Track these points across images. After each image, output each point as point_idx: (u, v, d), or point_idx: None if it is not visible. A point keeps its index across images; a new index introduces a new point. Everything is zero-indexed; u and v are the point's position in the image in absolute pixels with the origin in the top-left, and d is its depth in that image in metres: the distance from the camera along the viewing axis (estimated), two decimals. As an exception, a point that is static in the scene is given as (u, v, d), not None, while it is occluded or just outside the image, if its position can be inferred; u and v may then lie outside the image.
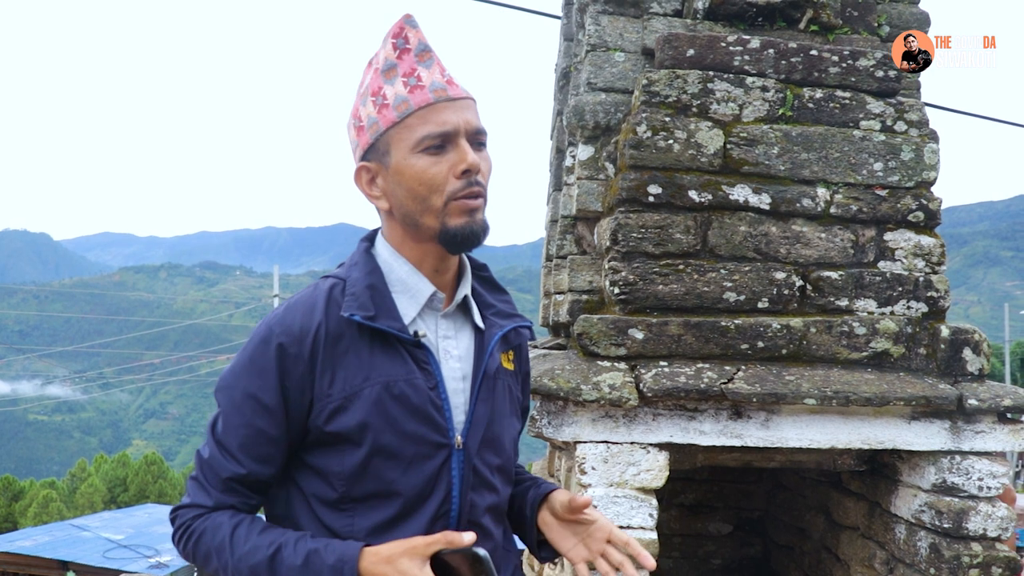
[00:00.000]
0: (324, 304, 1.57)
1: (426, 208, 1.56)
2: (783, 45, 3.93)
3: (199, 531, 1.56)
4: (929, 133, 3.95)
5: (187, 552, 1.58)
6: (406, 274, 1.63)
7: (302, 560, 1.45)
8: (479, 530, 1.61)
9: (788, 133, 3.84)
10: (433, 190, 1.54)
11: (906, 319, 3.76)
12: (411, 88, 1.54)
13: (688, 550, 5.89)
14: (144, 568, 14.60)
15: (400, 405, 1.54)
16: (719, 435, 3.55)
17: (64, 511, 32.83)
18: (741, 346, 3.64)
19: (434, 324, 1.66)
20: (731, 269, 3.74)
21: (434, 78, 1.56)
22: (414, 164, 1.54)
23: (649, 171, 3.77)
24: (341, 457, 1.54)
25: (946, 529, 3.57)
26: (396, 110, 1.54)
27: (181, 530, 1.59)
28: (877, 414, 3.60)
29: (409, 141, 1.54)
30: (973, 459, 3.64)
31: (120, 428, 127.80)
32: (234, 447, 1.55)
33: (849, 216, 3.84)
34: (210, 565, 1.55)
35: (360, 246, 1.70)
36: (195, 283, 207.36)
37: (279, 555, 1.46)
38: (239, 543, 1.50)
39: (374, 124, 1.56)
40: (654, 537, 3.49)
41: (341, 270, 1.67)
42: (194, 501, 1.59)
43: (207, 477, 1.58)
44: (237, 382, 1.56)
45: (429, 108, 1.53)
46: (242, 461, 1.55)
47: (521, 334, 1.81)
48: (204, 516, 1.57)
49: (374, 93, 1.57)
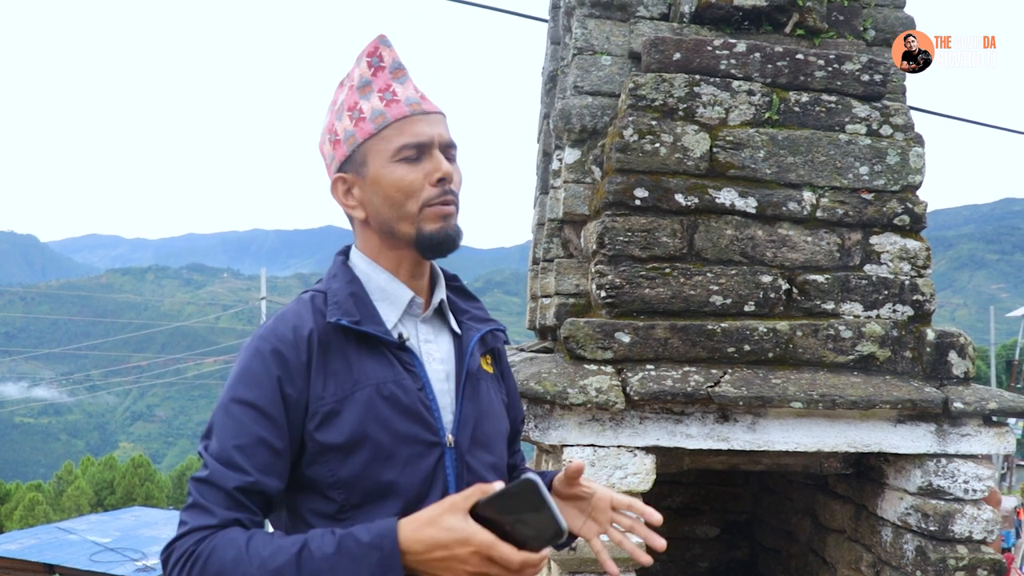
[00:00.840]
0: (311, 313, 1.60)
1: (402, 214, 1.61)
2: (769, 49, 3.94)
3: (207, 552, 1.38)
4: (915, 137, 3.96)
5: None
6: (384, 282, 1.67)
7: (334, 548, 1.34)
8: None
9: (774, 137, 3.85)
10: (409, 196, 1.60)
11: (892, 322, 3.77)
12: (387, 102, 1.61)
13: (675, 553, 5.89)
14: (131, 572, 14.55)
15: (391, 406, 1.55)
16: (706, 438, 3.55)
17: (50, 514, 32.67)
18: (727, 349, 3.64)
19: (415, 329, 1.69)
20: (717, 272, 3.74)
21: (408, 93, 1.63)
22: (392, 172, 1.59)
23: (636, 175, 3.77)
24: (338, 464, 1.52)
25: (932, 532, 3.58)
26: (373, 122, 1.60)
27: (183, 560, 1.39)
28: (863, 417, 3.61)
29: (386, 152, 1.59)
30: (959, 462, 3.66)
31: (107, 431, 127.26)
32: (236, 457, 1.46)
33: (835, 220, 3.85)
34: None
35: (336, 260, 1.74)
36: (182, 285, 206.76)
37: (306, 549, 1.35)
38: (258, 549, 1.36)
39: (351, 137, 1.62)
40: (641, 540, 3.48)
41: (320, 284, 1.70)
42: (195, 526, 1.42)
43: (207, 496, 1.44)
44: (232, 394, 1.52)
45: (405, 120, 1.61)
46: (247, 469, 1.45)
47: (497, 336, 1.83)
48: (210, 536, 1.40)
49: (350, 108, 1.63)
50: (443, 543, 1.32)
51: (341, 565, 1.33)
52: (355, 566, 1.32)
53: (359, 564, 1.32)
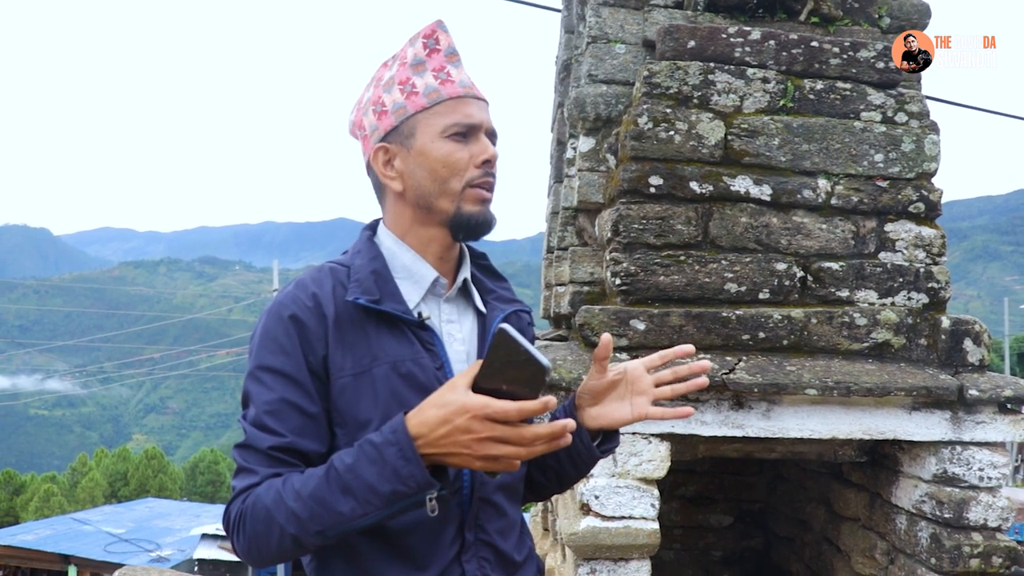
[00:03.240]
0: (331, 285, 1.60)
1: (445, 190, 1.62)
2: (784, 37, 3.94)
3: (250, 504, 1.44)
4: (930, 124, 3.95)
5: (248, 538, 1.45)
6: (410, 260, 1.67)
7: (353, 457, 1.39)
8: (492, 507, 1.64)
9: (789, 124, 3.85)
10: (455, 173, 1.62)
11: (907, 310, 3.77)
12: (441, 81, 1.63)
13: (689, 542, 5.90)
14: (145, 562, 14.65)
15: (407, 384, 1.55)
16: (720, 425, 3.56)
17: (65, 505, 32.91)
18: (742, 337, 3.65)
19: (437, 308, 1.69)
20: (732, 260, 3.75)
21: (462, 77, 1.66)
22: (441, 147, 1.61)
23: (650, 162, 3.77)
24: (353, 436, 1.53)
25: (947, 519, 3.58)
26: (426, 97, 1.62)
27: (237, 520, 1.47)
28: (878, 404, 3.60)
29: (437, 126, 1.62)
30: (974, 449, 3.65)
31: (120, 423, 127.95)
32: (268, 421, 1.50)
33: (850, 207, 3.84)
34: (272, 532, 1.42)
35: (363, 235, 1.74)
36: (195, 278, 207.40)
37: (332, 468, 1.40)
38: (292, 485, 1.42)
39: (401, 108, 1.64)
40: (656, 527, 3.50)
41: (344, 258, 1.70)
42: (241, 488, 1.48)
43: (249, 459, 1.50)
44: (258, 361, 1.55)
45: (458, 100, 1.63)
46: (281, 431, 1.50)
47: (521, 318, 1.83)
48: (252, 490, 1.47)
49: (402, 82, 1.65)
50: (443, 418, 1.33)
51: (364, 469, 1.37)
52: (377, 466, 1.36)
53: (381, 462, 1.36)
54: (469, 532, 1.60)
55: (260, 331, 1.58)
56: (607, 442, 1.77)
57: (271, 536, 1.43)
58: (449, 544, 1.58)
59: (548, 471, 1.83)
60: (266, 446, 1.49)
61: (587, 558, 3.53)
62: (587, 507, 3.48)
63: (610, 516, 3.47)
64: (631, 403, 1.68)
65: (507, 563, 1.66)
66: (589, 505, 3.47)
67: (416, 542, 1.56)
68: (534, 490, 1.90)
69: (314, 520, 1.39)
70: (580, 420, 1.71)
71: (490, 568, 1.63)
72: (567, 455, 1.75)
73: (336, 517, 1.39)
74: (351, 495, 1.37)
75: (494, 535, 1.64)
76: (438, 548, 1.57)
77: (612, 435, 1.77)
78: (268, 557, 1.46)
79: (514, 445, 1.33)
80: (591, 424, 1.71)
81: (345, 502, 1.38)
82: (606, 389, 1.69)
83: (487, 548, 1.63)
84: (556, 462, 1.79)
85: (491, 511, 1.64)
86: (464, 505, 1.60)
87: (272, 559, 1.47)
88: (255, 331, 1.61)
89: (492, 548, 1.64)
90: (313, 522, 1.39)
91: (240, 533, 1.46)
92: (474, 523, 1.61)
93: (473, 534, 1.61)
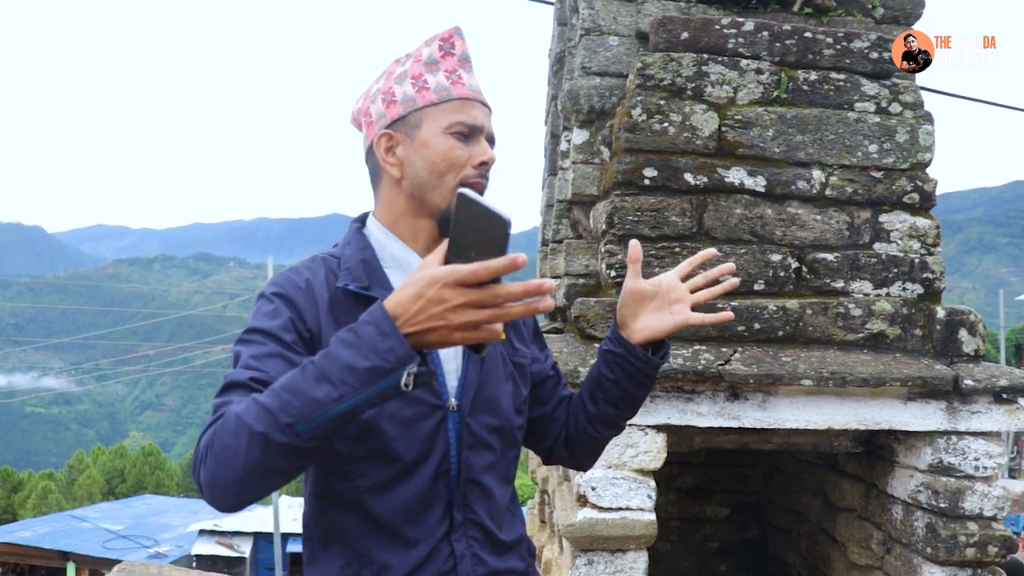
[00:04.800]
0: (323, 274, 1.66)
1: (439, 183, 1.67)
2: (777, 27, 3.93)
3: (221, 421, 1.36)
4: (924, 115, 3.95)
5: (214, 455, 1.34)
6: (398, 250, 1.73)
7: (333, 344, 1.31)
8: (480, 488, 1.69)
9: (783, 115, 3.84)
10: (452, 168, 1.67)
11: (902, 300, 3.77)
12: (452, 82, 1.69)
13: (686, 534, 5.92)
14: (143, 558, 14.65)
15: None
16: (716, 416, 3.56)
17: (63, 502, 32.91)
18: (737, 328, 3.65)
19: None
20: (727, 251, 3.75)
21: (472, 82, 1.73)
22: (443, 142, 1.67)
23: (644, 154, 3.77)
24: None
25: (943, 509, 3.59)
26: (437, 94, 1.68)
27: (204, 446, 1.37)
28: (873, 395, 3.61)
29: (442, 122, 1.67)
30: (969, 439, 3.66)
31: (117, 420, 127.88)
32: (252, 363, 1.48)
33: (844, 198, 3.85)
34: (241, 437, 1.31)
35: (352, 226, 1.80)
36: (189, 274, 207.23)
37: (307, 363, 1.31)
38: (263, 395, 1.33)
39: (410, 100, 1.69)
40: (652, 518, 3.50)
41: (335, 249, 1.76)
42: (214, 418, 1.40)
43: (229, 394, 1.44)
44: (250, 325, 1.56)
45: (466, 102, 1.69)
46: (263, 369, 1.47)
47: None
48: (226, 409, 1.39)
49: (414, 77, 1.70)
50: (416, 293, 1.27)
51: (341, 352, 1.29)
52: (355, 347, 1.28)
53: (359, 342, 1.28)
54: (457, 512, 1.64)
55: (255, 308, 1.62)
56: (659, 350, 1.82)
57: (239, 446, 1.31)
58: (437, 523, 1.62)
59: (615, 400, 1.85)
60: (247, 377, 1.45)
61: (584, 549, 3.53)
62: (584, 498, 3.48)
63: (607, 507, 3.48)
64: (671, 311, 1.76)
65: (496, 543, 1.70)
66: (586, 496, 3.48)
67: (405, 521, 1.60)
68: (609, 423, 1.90)
69: (284, 410, 1.28)
70: (627, 338, 1.78)
71: (478, 547, 1.67)
72: (625, 375, 1.80)
73: (309, 404, 1.28)
74: (326, 380, 1.28)
75: (483, 515, 1.68)
76: (426, 527, 1.61)
77: (660, 345, 1.82)
78: (233, 479, 1.33)
79: (490, 308, 1.26)
80: (637, 338, 1.77)
81: (320, 388, 1.28)
82: (644, 300, 1.77)
83: (475, 528, 1.67)
84: (618, 389, 1.83)
85: (479, 492, 1.68)
86: (452, 485, 1.65)
87: (238, 485, 1.33)
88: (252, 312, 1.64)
89: (481, 528, 1.68)
90: (283, 413, 1.28)
91: (208, 457, 1.35)
92: (462, 503, 1.65)
93: (462, 514, 1.65)
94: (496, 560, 1.71)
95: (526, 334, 1.96)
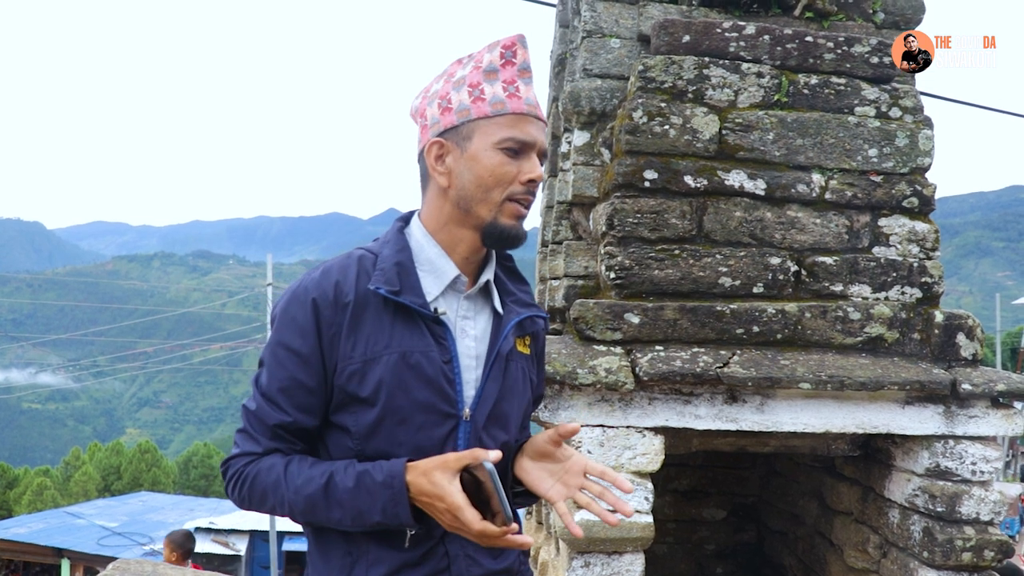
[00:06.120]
0: (355, 273, 1.69)
1: (486, 198, 1.69)
2: (778, 31, 3.94)
3: (252, 474, 1.67)
4: (924, 119, 3.96)
5: (242, 497, 1.69)
6: (435, 255, 1.75)
7: (354, 482, 1.59)
8: None
9: (783, 119, 3.85)
10: (499, 183, 1.68)
11: (900, 304, 3.78)
12: (509, 95, 1.69)
13: (682, 536, 5.92)
14: (138, 555, 14.62)
15: (414, 374, 1.65)
16: (714, 419, 3.57)
17: (58, 499, 32.86)
18: (736, 331, 3.65)
19: (455, 304, 1.76)
20: (726, 254, 3.75)
21: (529, 95, 1.71)
22: (492, 157, 1.68)
23: (645, 156, 3.77)
24: (357, 416, 1.65)
25: (939, 513, 3.60)
26: (491, 107, 1.68)
27: (235, 478, 1.69)
28: (871, 399, 3.62)
29: (494, 136, 1.68)
30: (967, 443, 3.67)
31: (114, 416, 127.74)
32: (279, 398, 1.67)
33: (844, 202, 3.85)
34: (266, 503, 1.68)
35: (394, 225, 1.83)
36: (188, 272, 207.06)
37: (332, 482, 1.60)
38: (293, 478, 1.63)
39: (465, 110, 1.69)
40: (650, 521, 3.51)
41: (375, 245, 1.79)
42: (244, 450, 1.70)
43: (255, 427, 1.69)
44: (279, 337, 1.68)
45: (520, 116, 1.69)
46: (287, 410, 1.66)
47: (536, 323, 1.90)
48: (255, 461, 1.68)
49: (472, 85, 1.70)
50: (427, 493, 1.55)
51: (360, 498, 1.59)
52: (371, 499, 1.58)
53: (374, 498, 1.58)
54: None
55: (282, 308, 1.70)
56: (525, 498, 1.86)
57: (263, 506, 1.70)
58: (434, 526, 1.65)
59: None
60: (272, 423, 1.67)
61: (581, 551, 3.53)
62: (581, 500, 3.48)
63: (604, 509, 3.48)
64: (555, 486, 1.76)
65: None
66: (583, 498, 3.48)
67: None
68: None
69: (305, 515, 1.64)
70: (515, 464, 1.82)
71: (472, 549, 1.72)
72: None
73: (324, 519, 1.63)
74: (342, 509, 1.60)
75: None
76: (424, 527, 1.65)
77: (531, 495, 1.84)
78: (254, 511, 1.75)
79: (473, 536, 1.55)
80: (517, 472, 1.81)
81: (336, 512, 1.61)
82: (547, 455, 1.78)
83: None
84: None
85: None
86: None
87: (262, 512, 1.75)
88: (277, 306, 1.72)
89: None
90: (303, 516, 1.65)
91: (236, 490, 1.70)
92: None
93: None
94: (490, 561, 1.76)
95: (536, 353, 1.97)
